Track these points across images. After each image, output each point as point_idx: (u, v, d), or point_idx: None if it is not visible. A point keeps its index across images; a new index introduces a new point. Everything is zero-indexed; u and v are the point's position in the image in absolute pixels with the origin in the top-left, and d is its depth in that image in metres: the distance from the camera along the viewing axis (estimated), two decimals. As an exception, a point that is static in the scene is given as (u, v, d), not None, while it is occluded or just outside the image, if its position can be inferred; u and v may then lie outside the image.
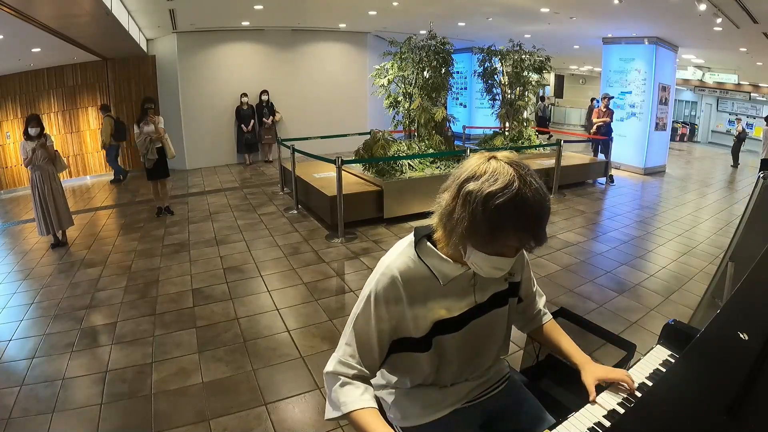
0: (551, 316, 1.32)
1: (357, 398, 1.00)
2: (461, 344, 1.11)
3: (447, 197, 0.96)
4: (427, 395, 1.18)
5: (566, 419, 1.07)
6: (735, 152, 10.58)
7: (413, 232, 1.09)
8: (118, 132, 7.81)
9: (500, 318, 1.17)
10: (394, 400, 1.21)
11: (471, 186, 0.91)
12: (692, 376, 1.01)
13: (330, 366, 1.06)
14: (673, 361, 1.21)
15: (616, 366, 1.33)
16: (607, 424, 1.02)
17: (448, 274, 1.04)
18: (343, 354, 1.05)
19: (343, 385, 1.02)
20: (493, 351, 1.23)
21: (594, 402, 1.06)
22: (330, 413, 1.04)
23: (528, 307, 1.30)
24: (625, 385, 1.08)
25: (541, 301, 1.32)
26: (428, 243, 1.05)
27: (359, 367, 1.04)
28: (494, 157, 0.95)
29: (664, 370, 1.18)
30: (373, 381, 1.25)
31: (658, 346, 1.31)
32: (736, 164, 10.29)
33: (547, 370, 1.51)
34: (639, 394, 1.11)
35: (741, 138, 10.90)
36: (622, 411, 1.06)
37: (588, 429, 1.03)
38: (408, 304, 1.04)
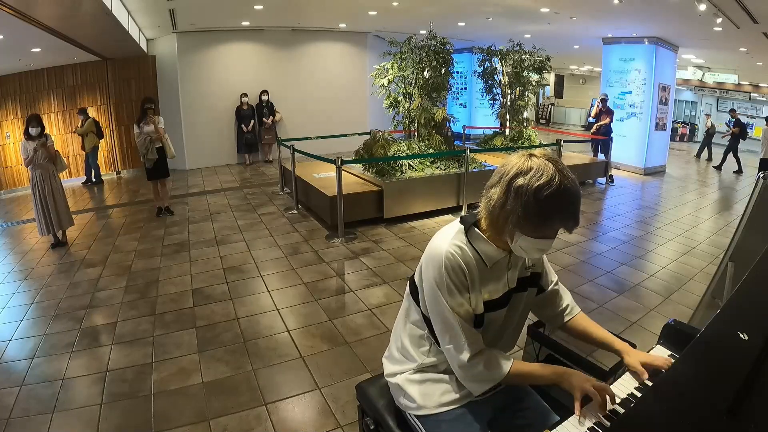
0: (580, 309, 1.39)
1: (504, 360, 1.17)
2: (503, 321, 1.24)
3: (498, 192, 1.08)
4: (445, 383, 1.24)
5: (567, 419, 1.07)
6: (702, 147, 11.07)
7: (460, 220, 1.20)
8: (98, 131, 7.83)
9: (520, 302, 1.27)
10: (410, 386, 1.27)
11: (521, 181, 1.04)
12: (692, 376, 1.01)
13: (462, 356, 1.14)
14: (673, 361, 1.21)
15: (615, 366, 1.34)
16: (607, 423, 1.02)
17: (493, 256, 1.17)
18: (460, 346, 1.15)
19: (485, 364, 1.14)
20: (510, 337, 1.32)
21: (645, 381, 1.16)
22: (479, 389, 1.17)
23: (552, 300, 1.37)
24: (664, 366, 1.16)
25: (567, 296, 1.39)
26: (476, 230, 1.17)
27: (478, 346, 1.16)
28: (533, 155, 1.09)
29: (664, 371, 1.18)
30: (388, 368, 1.34)
31: (658, 346, 1.31)
32: (699, 156, 10.72)
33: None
34: (639, 394, 1.11)
35: (710, 134, 11.16)
36: (622, 411, 1.06)
37: (588, 428, 1.03)
38: (471, 285, 1.16)
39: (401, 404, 1.30)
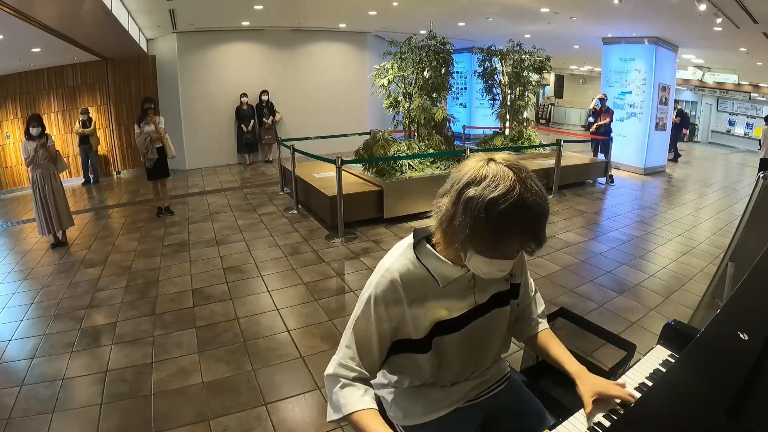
0: (547, 325, 1.28)
1: (357, 400, 1.00)
2: (461, 345, 1.11)
3: (446, 202, 0.95)
4: (428, 394, 1.18)
5: (566, 419, 1.07)
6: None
7: (412, 234, 1.08)
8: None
9: (501, 318, 1.16)
10: (394, 399, 1.21)
11: (472, 192, 0.89)
12: (692, 376, 1.01)
13: (330, 368, 1.06)
14: (673, 361, 1.21)
15: (615, 366, 1.33)
16: (607, 424, 1.02)
17: (448, 276, 1.04)
18: (343, 356, 1.05)
19: (343, 387, 1.03)
20: (494, 351, 1.23)
21: (590, 415, 1.02)
22: (331, 415, 1.05)
23: (523, 313, 1.27)
24: (626, 398, 1.02)
25: (538, 309, 1.28)
26: (427, 245, 1.05)
27: (359, 369, 1.04)
28: (493, 160, 0.93)
29: (664, 370, 1.18)
30: (374, 380, 1.25)
31: (658, 346, 1.31)
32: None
33: (547, 370, 1.51)
34: (639, 395, 1.11)
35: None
36: (622, 411, 1.06)
37: (588, 429, 1.03)
38: (408, 306, 1.03)
39: (389, 415, 1.25)
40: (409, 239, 1.08)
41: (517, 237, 0.91)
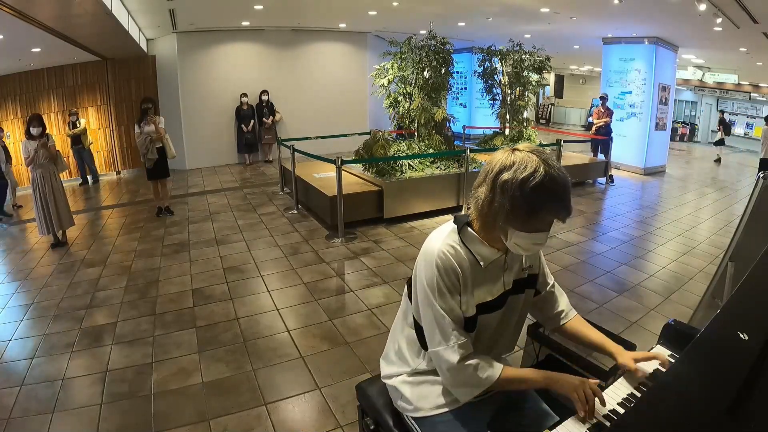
0: (576, 312, 1.38)
1: (491, 366, 1.13)
2: (497, 324, 1.21)
3: (484, 190, 1.07)
4: (439, 387, 1.22)
5: (567, 419, 1.07)
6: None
7: (453, 220, 1.18)
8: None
9: (519, 303, 1.25)
10: (407, 388, 1.25)
11: (505, 176, 1.03)
12: (692, 376, 1.01)
13: (451, 358, 1.11)
14: (673, 361, 1.21)
15: (615, 366, 1.34)
16: (608, 423, 1.02)
17: (488, 257, 1.15)
18: (454, 341, 1.12)
19: (476, 367, 1.12)
20: (513, 336, 1.31)
21: (642, 376, 1.16)
22: (468, 395, 1.14)
23: (548, 302, 1.36)
24: (664, 358, 1.19)
25: (563, 300, 1.37)
26: (470, 229, 1.15)
27: (465, 348, 1.13)
28: (517, 149, 1.07)
29: (664, 370, 1.18)
30: (384, 369, 1.33)
31: (658, 346, 1.31)
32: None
33: (548, 369, 1.51)
34: (639, 394, 1.11)
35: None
36: (622, 411, 1.06)
37: (588, 428, 1.03)
38: (462, 285, 1.13)
39: (398, 406, 1.29)
40: (450, 225, 1.18)
41: (550, 207, 1.03)
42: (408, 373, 1.26)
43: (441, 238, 1.16)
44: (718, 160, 10.68)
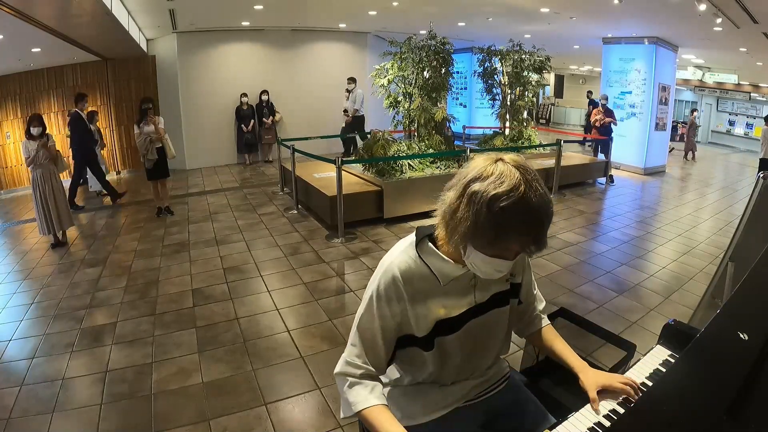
0: (548, 321, 1.32)
1: (364, 397, 1.03)
2: (461, 344, 1.12)
3: (452, 195, 0.96)
4: (427, 394, 1.18)
5: (566, 419, 1.07)
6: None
7: (415, 232, 1.09)
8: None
9: (501, 317, 1.17)
10: (394, 399, 1.21)
11: (476, 186, 0.91)
12: (692, 376, 1.01)
13: (338, 367, 1.09)
14: (673, 361, 1.21)
15: (615, 366, 1.33)
16: (607, 424, 1.02)
17: (449, 274, 1.05)
18: (349, 354, 1.08)
19: (351, 385, 1.05)
20: (494, 350, 1.23)
21: (597, 410, 1.04)
22: (344, 412, 1.08)
23: (526, 311, 1.29)
24: (629, 391, 1.05)
25: (539, 306, 1.31)
26: (429, 243, 1.06)
27: (366, 366, 1.06)
28: (501, 159, 0.94)
29: (664, 370, 1.18)
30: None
31: (658, 346, 1.31)
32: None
33: (547, 370, 1.51)
34: (640, 384, 1.11)
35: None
36: (622, 411, 1.06)
37: (588, 429, 1.03)
38: (409, 303, 1.05)
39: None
40: (411, 237, 1.09)
41: (517, 236, 0.91)
42: (391, 386, 1.23)
43: (398, 251, 1.08)
44: (671, 150, 10.42)
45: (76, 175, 6.47)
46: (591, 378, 1.10)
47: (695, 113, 11.65)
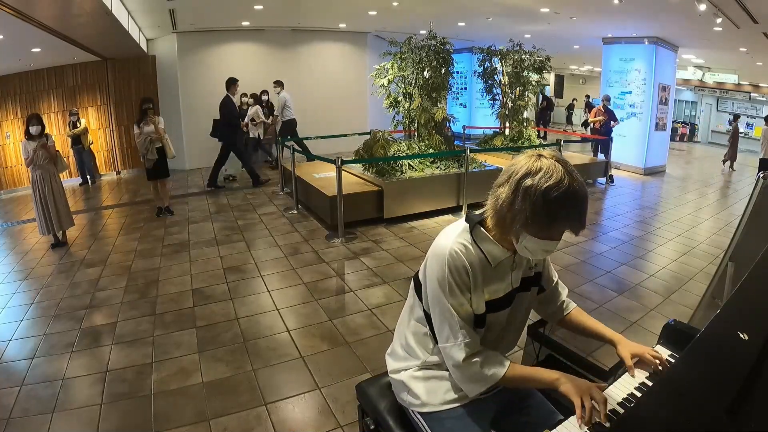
0: (575, 305, 1.42)
1: (500, 361, 1.16)
2: (508, 319, 1.25)
3: (506, 191, 1.08)
4: (447, 382, 1.24)
5: (567, 419, 1.07)
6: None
7: (466, 219, 1.19)
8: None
9: (525, 301, 1.29)
10: (414, 382, 1.26)
11: (529, 181, 1.04)
12: (692, 376, 1.01)
13: (457, 356, 1.14)
14: (673, 361, 1.21)
15: (615, 366, 1.34)
16: (607, 424, 1.02)
17: (498, 256, 1.17)
18: (461, 339, 1.14)
19: (482, 364, 1.14)
20: (515, 336, 1.34)
21: (634, 375, 1.17)
22: (477, 389, 1.16)
23: (552, 297, 1.41)
24: (656, 363, 1.18)
25: (564, 293, 1.43)
26: (482, 229, 1.17)
27: (475, 341, 1.16)
28: (543, 156, 1.08)
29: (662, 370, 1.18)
30: (391, 365, 1.34)
31: (658, 346, 1.31)
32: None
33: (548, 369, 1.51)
34: (639, 394, 1.11)
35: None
36: (622, 411, 1.06)
37: (588, 429, 1.03)
38: (472, 283, 1.15)
39: (404, 401, 1.29)
40: (461, 224, 1.20)
41: (566, 219, 1.05)
42: (417, 368, 1.27)
43: (452, 236, 1.17)
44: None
45: (221, 158, 6.91)
46: (627, 348, 1.23)
47: (738, 120, 10.78)
